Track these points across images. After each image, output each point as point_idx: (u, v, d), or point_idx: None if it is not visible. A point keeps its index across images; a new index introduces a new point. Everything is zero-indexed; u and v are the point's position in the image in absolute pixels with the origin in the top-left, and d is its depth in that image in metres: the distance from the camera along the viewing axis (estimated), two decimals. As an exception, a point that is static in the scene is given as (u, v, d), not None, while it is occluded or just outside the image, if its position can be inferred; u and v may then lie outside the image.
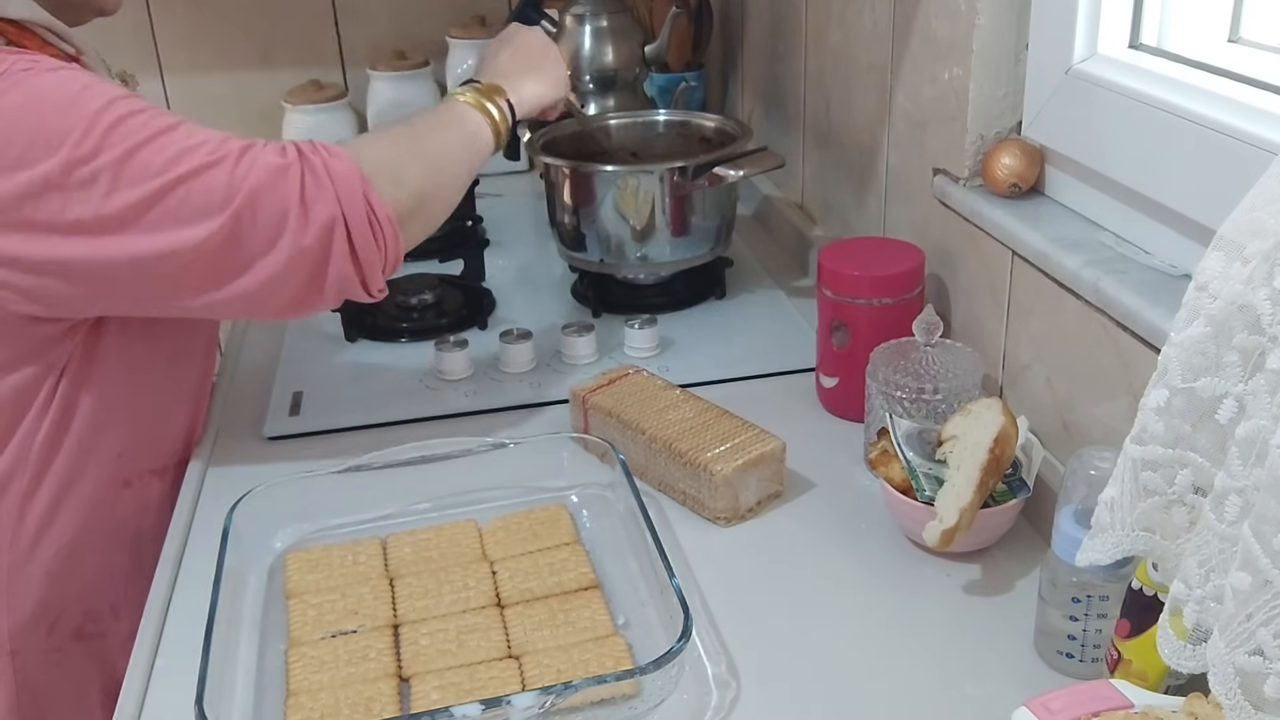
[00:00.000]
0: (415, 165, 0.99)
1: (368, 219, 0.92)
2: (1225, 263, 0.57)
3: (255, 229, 0.88)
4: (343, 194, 0.90)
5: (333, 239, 0.90)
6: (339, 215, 0.90)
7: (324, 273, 0.92)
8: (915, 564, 0.93)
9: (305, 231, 0.89)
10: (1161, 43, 0.91)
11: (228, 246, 0.88)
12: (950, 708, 0.79)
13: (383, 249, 0.94)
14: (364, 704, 0.79)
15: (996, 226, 0.99)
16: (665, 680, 0.79)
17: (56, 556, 1.01)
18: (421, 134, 1.02)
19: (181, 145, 0.87)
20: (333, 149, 0.93)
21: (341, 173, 0.91)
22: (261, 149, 0.90)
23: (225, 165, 0.88)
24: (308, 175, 0.90)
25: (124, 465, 1.04)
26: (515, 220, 1.67)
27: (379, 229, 0.93)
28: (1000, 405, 0.91)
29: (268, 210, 0.88)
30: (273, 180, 0.88)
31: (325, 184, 0.90)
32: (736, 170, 1.28)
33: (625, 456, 1.00)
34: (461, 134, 1.05)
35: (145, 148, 0.86)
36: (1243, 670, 0.54)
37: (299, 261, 0.90)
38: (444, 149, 1.02)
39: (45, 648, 1.02)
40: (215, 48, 1.86)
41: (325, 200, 0.89)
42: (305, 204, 0.89)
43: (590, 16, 1.60)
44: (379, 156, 0.96)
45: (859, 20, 1.28)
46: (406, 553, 0.95)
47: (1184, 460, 0.61)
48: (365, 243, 0.92)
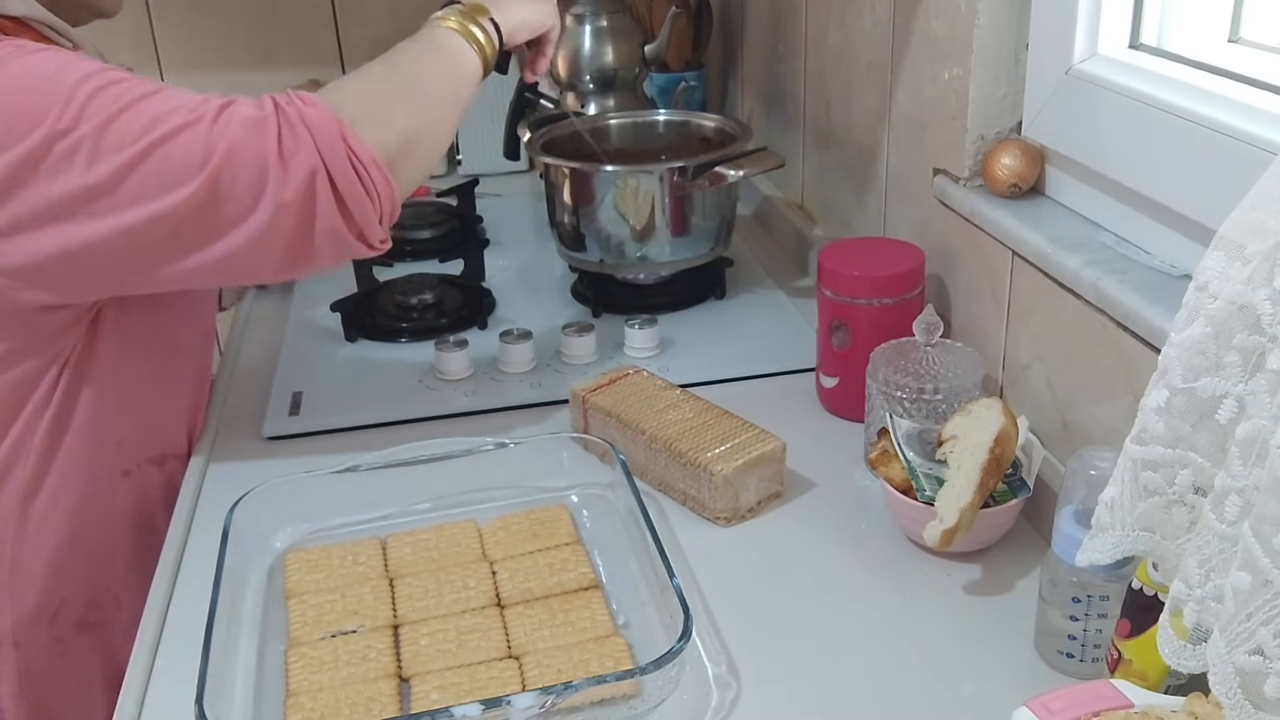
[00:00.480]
0: (398, 103, 0.95)
1: (350, 165, 0.88)
2: (1225, 263, 0.57)
3: (235, 186, 0.86)
4: (321, 142, 0.87)
5: (315, 190, 0.87)
6: (319, 165, 0.87)
7: (311, 226, 0.88)
8: (915, 564, 0.93)
9: (285, 185, 0.86)
10: (1161, 43, 0.91)
11: (210, 206, 0.86)
12: (950, 708, 0.79)
13: (374, 195, 0.90)
14: (364, 704, 0.79)
15: (996, 226, 0.99)
16: (665, 680, 0.79)
17: (58, 546, 1.01)
18: (402, 68, 0.98)
19: (159, 109, 0.86)
20: (308, 97, 0.90)
21: (318, 121, 0.88)
22: (239, 105, 0.88)
23: (202, 125, 0.86)
24: (284, 127, 0.87)
25: (124, 455, 1.04)
26: (515, 220, 1.67)
27: (365, 174, 0.89)
28: (1000, 405, 0.91)
29: (246, 166, 0.86)
30: (248, 135, 0.86)
31: (302, 134, 0.87)
32: (736, 170, 1.28)
33: (625, 456, 1.00)
34: (446, 62, 1.00)
35: (123, 115, 0.85)
36: (1243, 670, 0.54)
37: (283, 216, 0.87)
38: (428, 81, 0.98)
39: (48, 638, 1.03)
40: (215, 48, 1.86)
41: (304, 151, 0.87)
42: (284, 157, 0.86)
43: (590, 16, 1.60)
44: (359, 99, 0.93)
45: (859, 20, 1.28)
46: (406, 553, 0.95)
47: (1184, 460, 0.61)
48: (352, 190, 0.88)
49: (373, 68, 0.98)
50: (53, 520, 1.00)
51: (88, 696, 1.06)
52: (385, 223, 0.92)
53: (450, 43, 1.01)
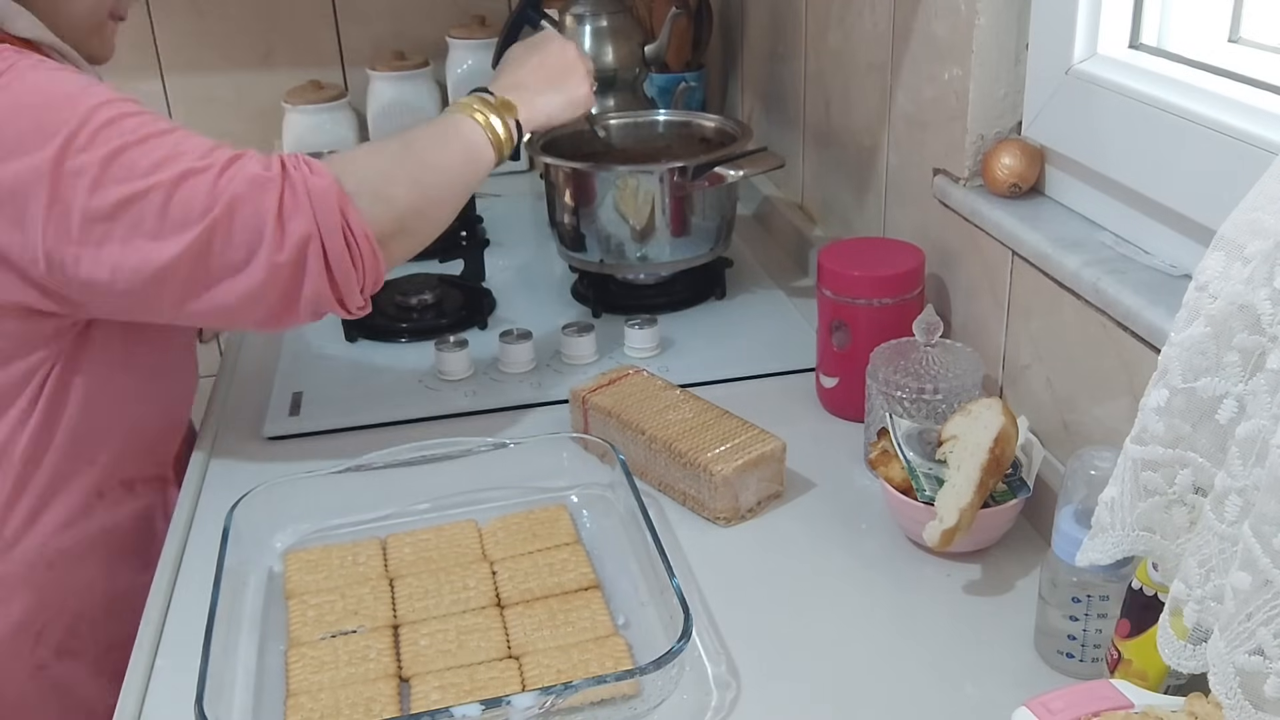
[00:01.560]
0: (403, 183, 0.97)
1: (344, 237, 0.90)
2: (1225, 263, 0.57)
3: (231, 241, 0.88)
4: (319, 211, 0.89)
5: (307, 256, 0.89)
6: (314, 233, 0.89)
7: (298, 290, 0.91)
8: (915, 564, 0.93)
9: (281, 248, 0.88)
10: (1161, 43, 0.91)
11: (203, 257, 0.88)
12: (950, 708, 0.79)
13: (360, 268, 0.92)
14: (364, 704, 0.79)
15: (996, 226, 0.99)
16: (665, 680, 0.79)
17: (38, 565, 1.00)
18: (416, 148, 1.00)
19: (170, 150, 0.87)
20: (316, 165, 0.92)
21: (320, 190, 0.89)
22: (248, 160, 0.90)
23: (209, 174, 0.88)
24: (287, 191, 0.89)
25: (101, 476, 1.03)
26: (515, 220, 1.67)
27: (356, 247, 0.91)
28: (1000, 405, 0.91)
29: (245, 223, 0.88)
30: (252, 193, 0.88)
31: (303, 201, 0.89)
32: (736, 170, 1.28)
33: (625, 456, 1.00)
34: (461, 152, 1.02)
35: (134, 148, 0.86)
36: (1243, 670, 0.54)
37: (274, 277, 0.89)
38: (438, 166, 1.00)
39: (30, 663, 1.01)
40: (215, 48, 1.86)
41: (302, 217, 0.88)
42: (282, 219, 0.88)
43: (590, 16, 1.60)
44: (365, 173, 0.95)
45: (859, 20, 1.28)
46: (406, 553, 0.95)
47: (1184, 460, 0.61)
48: (340, 261, 0.91)
49: (389, 143, 1.01)
50: (31, 537, 0.99)
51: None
52: (367, 292, 0.95)
53: (470, 135, 1.03)
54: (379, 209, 0.93)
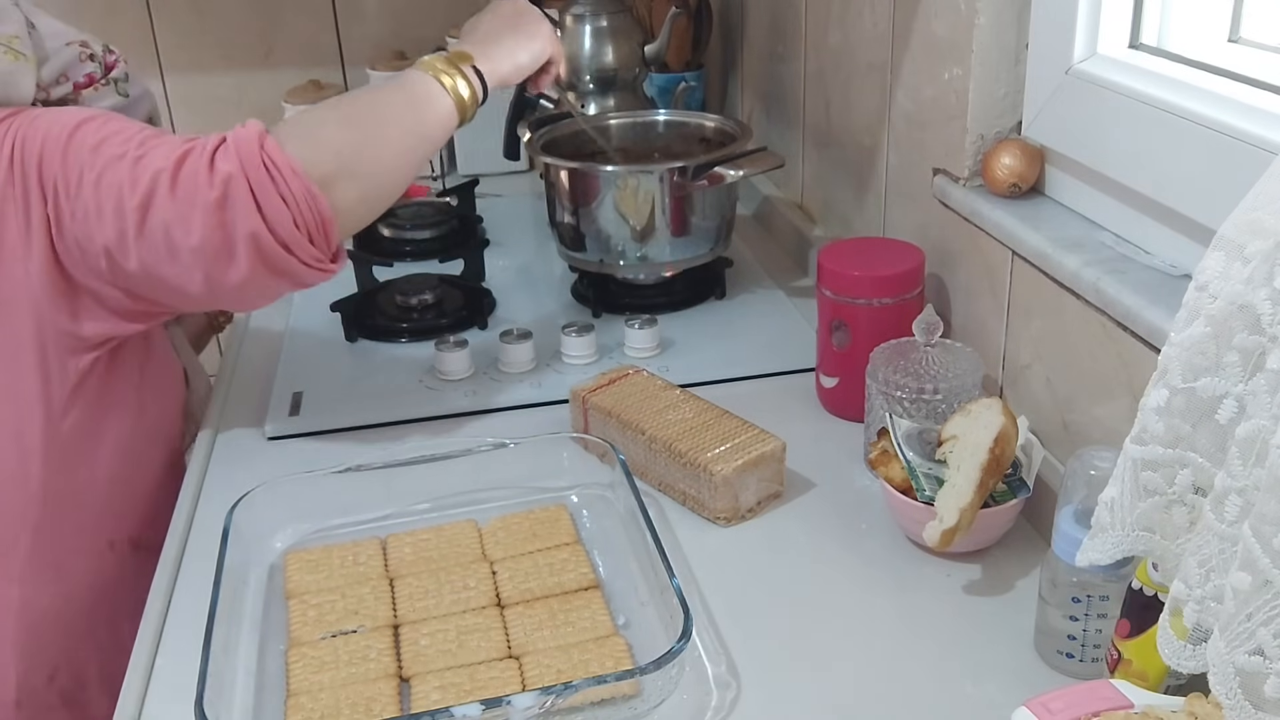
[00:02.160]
0: (336, 126, 0.98)
1: (265, 169, 0.91)
2: (1225, 263, 0.57)
3: (175, 191, 0.91)
4: (240, 150, 0.91)
5: (230, 190, 0.90)
6: (238, 169, 0.91)
7: (232, 228, 0.91)
8: (915, 564, 0.93)
9: (211, 188, 0.90)
10: (1161, 43, 0.91)
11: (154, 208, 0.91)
12: (950, 708, 0.79)
13: (290, 203, 0.92)
14: (364, 704, 0.79)
15: (996, 226, 0.99)
16: (665, 680, 0.79)
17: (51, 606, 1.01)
18: (357, 99, 1.03)
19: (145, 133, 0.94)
20: (250, 121, 0.95)
21: (243, 134, 0.93)
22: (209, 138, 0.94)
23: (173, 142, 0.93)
24: (220, 144, 0.92)
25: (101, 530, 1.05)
26: (515, 220, 1.67)
27: (281, 180, 0.91)
28: (1000, 405, 0.91)
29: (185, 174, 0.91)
30: (196, 151, 0.92)
31: (230, 147, 0.92)
32: (736, 170, 1.28)
33: (625, 456, 1.00)
34: (406, 98, 1.02)
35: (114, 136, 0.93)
36: (1243, 670, 0.54)
37: (209, 219, 0.91)
38: (379, 111, 1.00)
39: (43, 704, 1.01)
40: (215, 48, 1.86)
41: (227, 159, 0.91)
42: (213, 165, 0.91)
43: (590, 16, 1.60)
44: (299, 121, 0.99)
45: (859, 20, 1.28)
46: (406, 553, 0.95)
47: (1184, 460, 0.61)
48: (265, 193, 0.91)
49: (331, 100, 1.03)
50: (47, 579, 1.01)
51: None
52: (316, 240, 0.94)
53: (416, 81, 1.03)
54: (308, 148, 0.94)
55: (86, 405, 1.00)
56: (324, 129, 0.97)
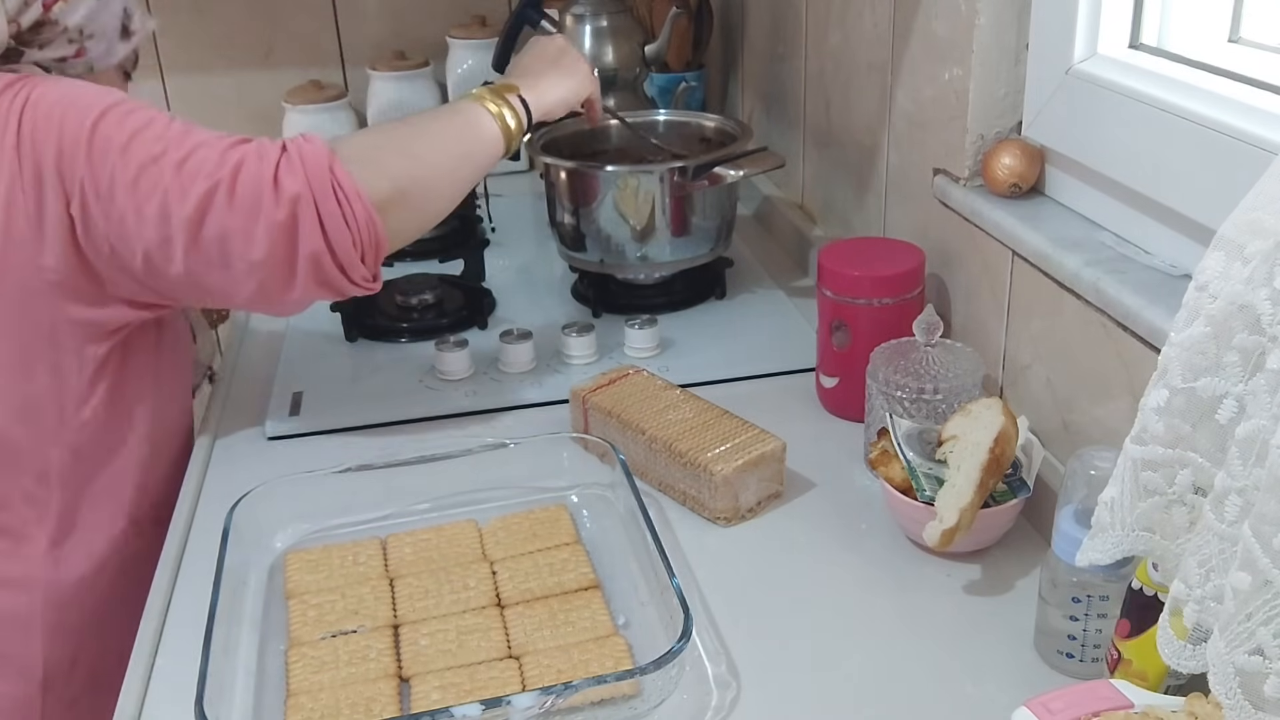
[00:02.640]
0: (395, 152, 1.00)
1: (334, 193, 0.93)
2: (1225, 263, 0.57)
3: (233, 201, 0.91)
4: (310, 171, 0.93)
5: (299, 213, 0.92)
6: (306, 191, 0.92)
7: (295, 249, 0.93)
8: (915, 564, 0.93)
9: (277, 205, 0.92)
10: (1161, 43, 0.91)
11: (208, 215, 0.91)
12: (950, 707, 0.79)
13: (352, 227, 0.93)
14: (364, 704, 0.79)
15: (996, 226, 0.99)
16: (665, 680, 0.79)
17: (79, 589, 1.02)
18: (411, 125, 1.05)
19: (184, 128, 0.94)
20: (312, 137, 0.96)
21: (311, 154, 0.94)
22: (254, 140, 0.95)
23: (219, 145, 0.93)
24: (284, 158, 0.93)
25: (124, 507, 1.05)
26: (515, 220, 1.67)
27: (348, 205, 0.93)
28: (1000, 405, 0.91)
29: (245, 186, 0.92)
30: (253, 160, 0.93)
31: (296, 164, 0.93)
32: (736, 170, 1.28)
33: (625, 456, 1.00)
34: (457, 125, 1.05)
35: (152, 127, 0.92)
36: (1243, 670, 0.54)
37: (272, 236, 0.92)
38: (434, 138, 1.03)
39: (65, 692, 1.02)
40: (216, 48, 1.86)
41: (294, 177, 0.92)
42: (278, 180, 0.92)
43: (590, 16, 1.60)
44: (359, 144, 1.01)
45: (859, 20, 1.28)
46: (406, 553, 0.95)
47: (1184, 460, 0.61)
48: (333, 219, 0.93)
49: (386, 124, 1.07)
50: (73, 561, 1.01)
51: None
52: (368, 260, 0.96)
53: (468, 109, 1.07)
54: (371, 173, 0.96)
55: (107, 387, 1.00)
56: (384, 154, 0.99)
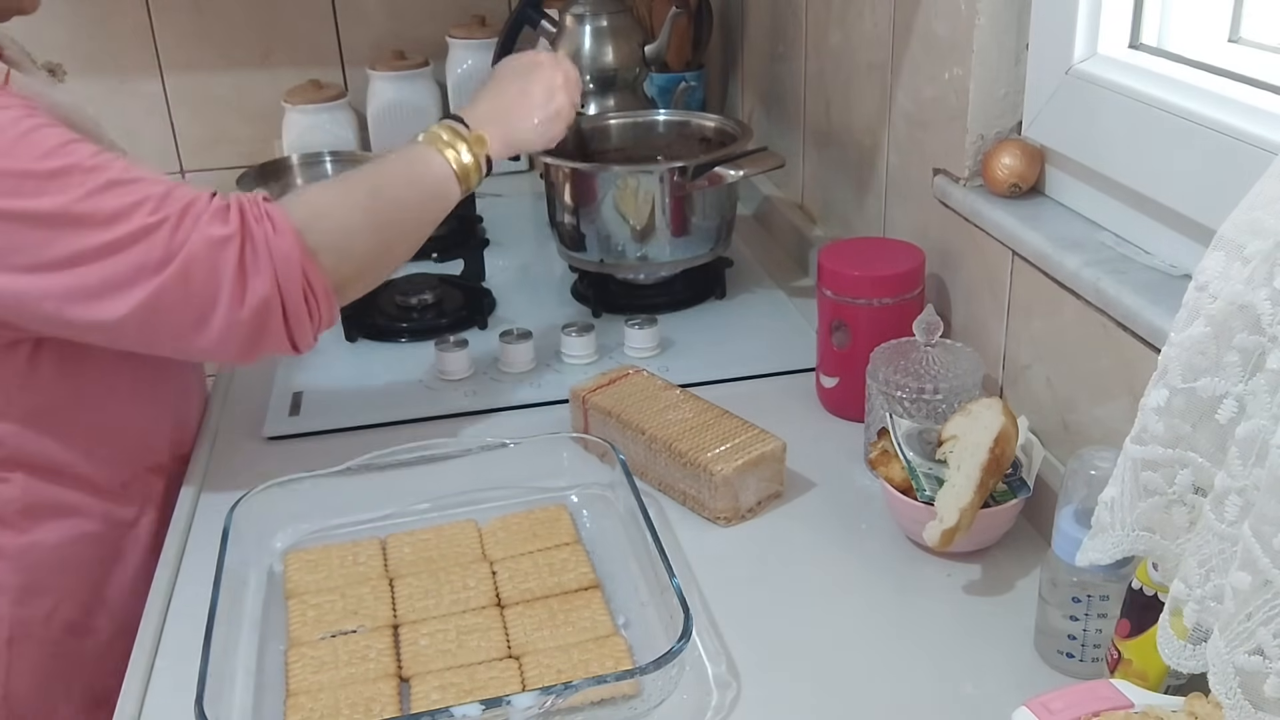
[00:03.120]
0: (367, 234, 0.98)
1: (304, 296, 0.92)
2: (1225, 263, 0.57)
3: (188, 299, 0.88)
4: (282, 274, 0.90)
5: (267, 317, 0.91)
6: (275, 294, 0.90)
7: (258, 343, 0.92)
8: (915, 564, 0.93)
9: (240, 306, 0.89)
10: (1161, 43, 0.91)
11: (159, 312, 0.88)
12: (950, 707, 0.79)
13: (316, 319, 0.94)
14: (364, 704, 0.79)
15: (996, 226, 0.99)
16: (665, 680, 0.79)
17: (60, 540, 1.01)
18: (385, 195, 1.00)
19: (121, 202, 0.86)
20: (279, 220, 0.91)
21: (283, 253, 0.90)
22: (204, 210, 0.89)
23: (163, 230, 0.87)
24: (247, 249, 0.89)
25: (120, 465, 1.04)
26: (515, 220, 1.67)
27: (314, 303, 0.93)
28: (1000, 405, 0.91)
29: (200, 285, 0.88)
30: (210, 253, 0.88)
31: (264, 262, 0.89)
32: (736, 170, 1.28)
33: (625, 456, 1.00)
34: (428, 195, 1.03)
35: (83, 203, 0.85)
36: (1243, 670, 0.54)
37: (232, 331, 0.90)
38: (404, 214, 1.01)
39: (42, 637, 1.02)
40: (215, 48, 1.86)
41: (263, 278, 0.89)
42: (243, 278, 0.89)
43: (590, 16, 1.60)
44: (329, 226, 0.95)
45: (859, 20, 1.28)
46: (406, 553, 0.95)
47: (1184, 460, 0.61)
48: (299, 318, 0.92)
49: (354, 188, 1.00)
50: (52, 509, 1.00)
51: (65, 706, 1.04)
52: (319, 334, 0.97)
53: (439, 173, 1.03)
54: (341, 261, 0.95)
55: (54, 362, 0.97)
56: (358, 241, 0.97)
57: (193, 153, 1.88)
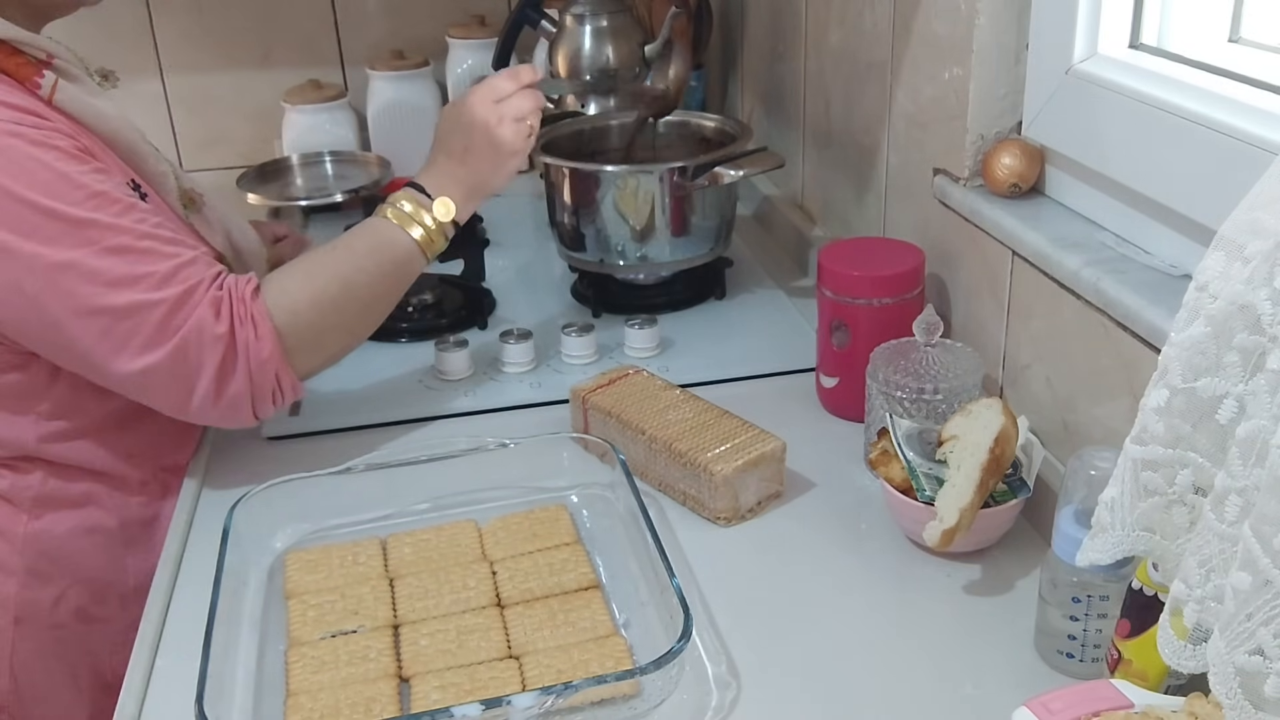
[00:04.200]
0: (339, 331, 1.04)
1: (272, 393, 0.99)
2: (1225, 263, 0.57)
3: (172, 381, 0.95)
4: (256, 379, 0.97)
5: (238, 408, 0.98)
6: (246, 392, 0.97)
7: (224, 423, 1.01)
8: (915, 564, 0.93)
9: (217, 401, 0.97)
10: (1161, 43, 0.91)
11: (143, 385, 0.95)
12: (950, 707, 0.79)
13: (279, 402, 1.01)
14: (364, 704, 0.79)
15: (996, 226, 0.99)
16: (665, 680, 0.79)
17: (72, 527, 1.03)
18: (355, 286, 1.03)
19: (127, 271, 0.91)
20: (262, 326, 0.97)
21: (260, 362, 0.97)
22: (201, 301, 0.94)
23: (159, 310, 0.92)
24: (229, 354, 0.96)
25: (135, 463, 1.06)
26: (515, 220, 1.67)
27: (280, 395, 1.00)
28: (1000, 405, 0.91)
29: (184, 372, 0.94)
30: (198, 348, 0.94)
31: (242, 368, 0.96)
32: (736, 170, 1.28)
33: (625, 456, 1.00)
34: (399, 280, 1.07)
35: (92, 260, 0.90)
36: (1243, 670, 0.54)
37: (204, 416, 0.98)
38: (372, 299, 1.05)
39: (48, 622, 1.03)
40: (215, 48, 1.86)
41: (238, 381, 0.96)
42: (222, 378, 0.96)
43: (590, 16, 1.60)
44: (304, 328, 1.00)
45: (859, 20, 1.28)
46: (406, 553, 0.95)
47: (1184, 460, 0.61)
48: (264, 404, 1.00)
49: (330, 284, 1.02)
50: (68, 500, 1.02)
51: (72, 694, 1.05)
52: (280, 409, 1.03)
53: (406, 253, 1.06)
54: (312, 360, 1.02)
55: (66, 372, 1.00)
56: (329, 337, 1.03)
57: (192, 153, 1.88)
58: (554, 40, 1.60)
